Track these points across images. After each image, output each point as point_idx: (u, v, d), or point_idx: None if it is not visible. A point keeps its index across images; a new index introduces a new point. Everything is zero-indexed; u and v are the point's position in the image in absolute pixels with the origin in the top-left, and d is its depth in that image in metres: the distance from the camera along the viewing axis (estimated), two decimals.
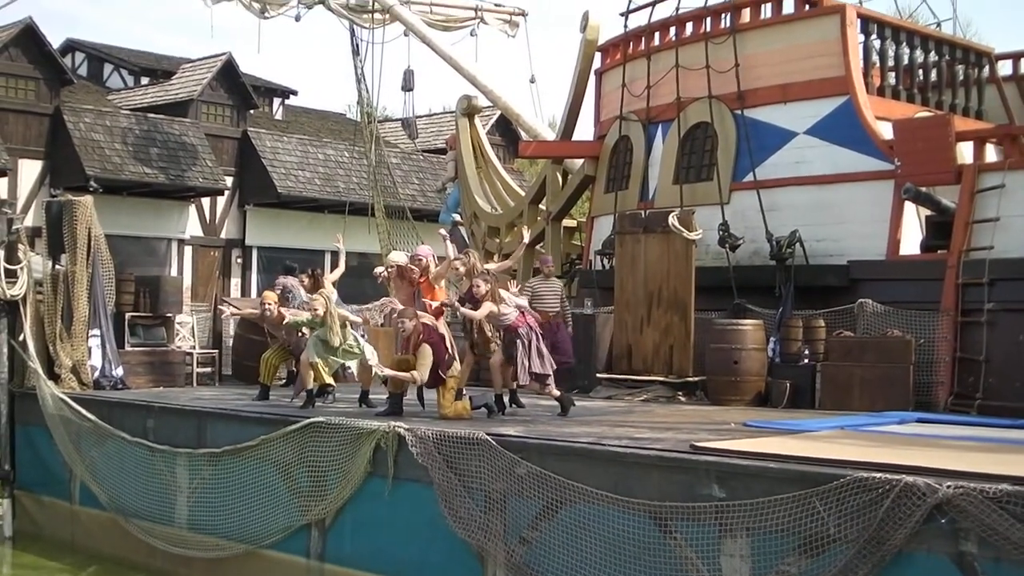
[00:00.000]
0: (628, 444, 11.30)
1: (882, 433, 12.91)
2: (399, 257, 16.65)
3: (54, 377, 18.07)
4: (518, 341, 14.45)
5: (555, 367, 15.00)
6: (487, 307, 14.40)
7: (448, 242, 16.79)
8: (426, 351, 13.98)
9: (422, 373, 14.00)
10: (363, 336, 16.81)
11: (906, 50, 20.30)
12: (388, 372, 14.42)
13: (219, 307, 19.54)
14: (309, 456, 13.46)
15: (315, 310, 15.43)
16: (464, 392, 14.97)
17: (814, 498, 9.13)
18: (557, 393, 14.84)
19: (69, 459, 17.14)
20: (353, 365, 16.08)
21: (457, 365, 14.66)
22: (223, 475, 14.63)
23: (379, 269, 17.28)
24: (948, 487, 8.58)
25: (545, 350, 14.74)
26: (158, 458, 15.59)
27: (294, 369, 17.41)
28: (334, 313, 15.28)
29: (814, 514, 9.13)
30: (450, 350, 14.50)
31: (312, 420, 13.59)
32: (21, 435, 18.58)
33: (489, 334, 15.05)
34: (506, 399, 15.17)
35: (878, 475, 8.98)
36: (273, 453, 13.91)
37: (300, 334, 16.53)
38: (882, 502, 8.82)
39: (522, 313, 14.75)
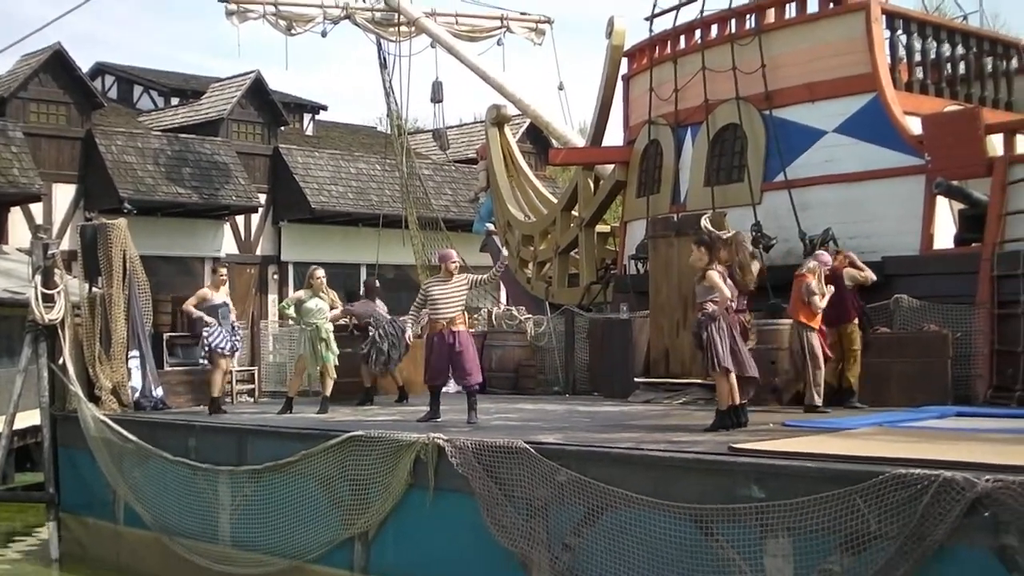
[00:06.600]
0: (667, 448, 11.34)
1: (921, 428, 12.89)
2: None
3: (95, 399, 18.13)
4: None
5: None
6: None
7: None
8: None
9: None
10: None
11: (933, 44, 20.20)
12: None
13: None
14: (350, 469, 13.51)
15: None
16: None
17: (856, 496, 9.13)
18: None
19: (112, 480, 17.25)
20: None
21: None
22: (265, 491, 14.70)
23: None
24: (987, 480, 8.56)
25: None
26: (200, 476, 15.68)
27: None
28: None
29: (855, 512, 9.12)
30: None
31: (352, 434, 13.65)
32: (64, 458, 18.71)
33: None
34: None
35: (917, 471, 8.96)
36: (314, 468, 13.96)
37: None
38: (921, 498, 8.79)
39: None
